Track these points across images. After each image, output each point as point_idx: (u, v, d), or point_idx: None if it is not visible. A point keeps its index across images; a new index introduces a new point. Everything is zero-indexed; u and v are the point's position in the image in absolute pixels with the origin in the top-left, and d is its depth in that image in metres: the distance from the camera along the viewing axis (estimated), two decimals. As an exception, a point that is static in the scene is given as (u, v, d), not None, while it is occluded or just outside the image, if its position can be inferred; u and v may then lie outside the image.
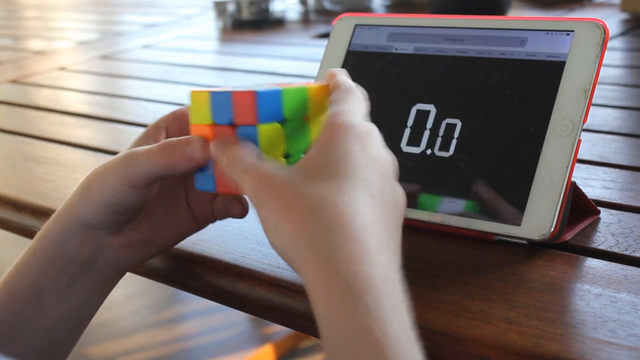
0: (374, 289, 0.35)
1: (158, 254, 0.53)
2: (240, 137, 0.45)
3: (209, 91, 0.46)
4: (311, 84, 0.48)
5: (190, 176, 0.51)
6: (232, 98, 0.45)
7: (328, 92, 0.47)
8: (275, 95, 0.45)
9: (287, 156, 0.47)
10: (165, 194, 0.52)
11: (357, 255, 0.36)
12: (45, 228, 0.51)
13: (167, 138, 0.52)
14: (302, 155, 0.46)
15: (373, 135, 0.43)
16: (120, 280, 0.53)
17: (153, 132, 0.53)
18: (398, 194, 0.42)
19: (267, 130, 0.45)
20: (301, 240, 0.38)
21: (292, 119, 0.46)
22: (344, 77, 0.48)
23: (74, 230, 0.49)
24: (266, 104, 0.45)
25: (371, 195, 0.39)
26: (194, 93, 0.47)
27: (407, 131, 0.58)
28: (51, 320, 0.50)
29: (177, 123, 0.54)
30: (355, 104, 0.45)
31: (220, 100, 0.46)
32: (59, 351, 0.52)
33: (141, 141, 0.53)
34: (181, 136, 0.48)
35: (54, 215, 0.51)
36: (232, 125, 0.46)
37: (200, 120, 0.47)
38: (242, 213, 0.52)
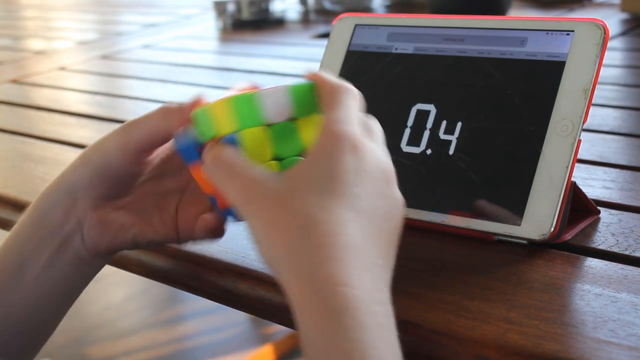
0: (353, 310, 0.35)
1: (134, 246, 0.52)
2: (223, 141, 0.44)
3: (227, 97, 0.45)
4: (296, 83, 0.46)
5: (190, 190, 0.51)
6: (208, 112, 0.45)
7: (315, 90, 0.46)
8: (252, 99, 0.44)
9: (278, 159, 0.45)
10: (158, 193, 0.52)
11: (338, 277, 0.36)
12: (35, 200, 0.51)
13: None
14: (297, 158, 0.45)
15: (368, 143, 0.41)
16: (120, 280, 0.53)
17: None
18: (394, 204, 0.41)
19: (250, 134, 0.44)
20: (287, 256, 0.38)
21: (275, 121, 0.45)
22: (330, 76, 0.46)
23: (60, 198, 0.50)
24: (242, 109, 0.44)
25: (360, 212, 0.39)
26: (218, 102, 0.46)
27: (407, 131, 0.58)
28: (32, 295, 0.50)
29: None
30: (349, 107, 0.43)
31: (201, 116, 0.46)
32: (37, 331, 0.52)
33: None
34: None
35: (46, 188, 0.51)
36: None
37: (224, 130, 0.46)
38: (217, 237, 0.51)
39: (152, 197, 0.52)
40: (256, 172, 0.41)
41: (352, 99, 0.44)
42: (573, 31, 0.54)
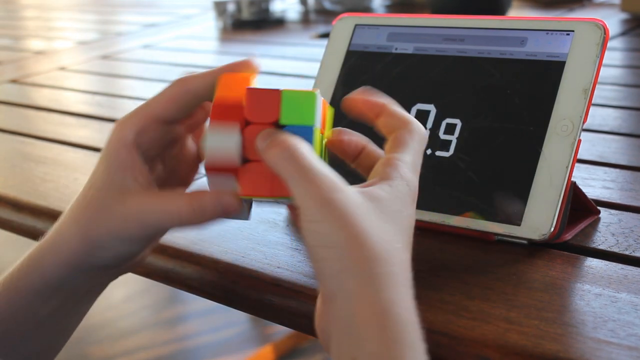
0: (419, 339, 0.37)
1: (132, 269, 0.52)
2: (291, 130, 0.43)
3: (280, 89, 0.45)
4: (294, 89, 0.45)
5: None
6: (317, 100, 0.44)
7: (313, 100, 0.45)
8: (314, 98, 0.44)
9: None
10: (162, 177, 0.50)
11: (411, 307, 0.38)
12: (45, 267, 0.48)
13: (143, 156, 0.48)
14: None
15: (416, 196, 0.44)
16: (120, 280, 0.53)
17: (127, 159, 0.48)
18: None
19: (317, 133, 0.43)
20: (364, 275, 0.38)
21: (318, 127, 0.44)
22: (402, 110, 0.46)
23: (80, 272, 0.47)
24: (316, 105, 0.44)
25: (410, 257, 0.41)
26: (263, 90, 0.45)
27: (407, 131, 0.58)
28: (47, 325, 0.50)
29: (148, 136, 0.49)
30: (420, 154, 0.45)
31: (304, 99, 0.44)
32: (48, 349, 0.52)
33: (117, 172, 0.48)
34: (155, 150, 0.49)
35: (39, 253, 0.48)
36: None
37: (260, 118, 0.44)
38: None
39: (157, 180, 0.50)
40: (333, 174, 0.40)
41: (423, 145, 0.46)
42: (573, 31, 0.54)
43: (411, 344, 0.37)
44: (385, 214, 0.40)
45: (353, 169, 0.48)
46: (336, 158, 0.47)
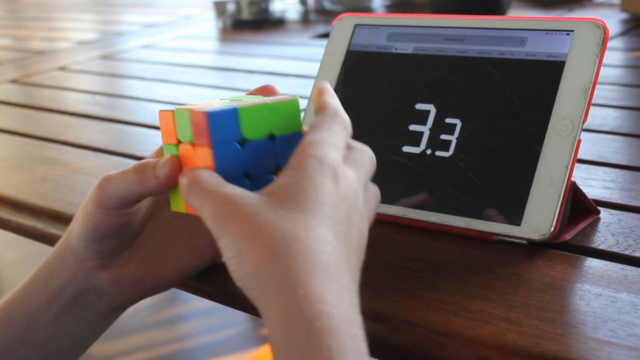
0: (336, 331, 0.34)
1: (155, 292, 0.51)
2: (216, 157, 0.43)
3: (173, 110, 0.45)
4: (275, 99, 0.46)
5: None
6: (190, 116, 0.44)
7: (296, 107, 0.46)
8: (231, 114, 0.44)
9: (249, 177, 0.45)
10: (161, 228, 0.50)
11: (321, 295, 0.35)
12: (48, 255, 0.50)
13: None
14: (270, 176, 0.45)
15: (348, 172, 0.41)
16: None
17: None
18: (363, 238, 0.41)
19: (222, 153, 0.43)
20: (264, 272, 0.37)
21: (252, 138, 0.44)
22: (330, 98, 0.45)
23: (68, 260, 0.49)
24: (220, 124, 0.43)
25: (336, 234, 0.39)
26: (160, 112, 0.46)
27: (407, 131, 0.58)
28: (42, 349, 0.49)
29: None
30: (334, 133, 0.43)
31: (181, 118, 0.44)
32: None
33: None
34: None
35: (59, 240, 0.50)
36: (192, 144, 0.44)
37: (169, 140, 0.46)
38: None
39: (156, 235, 0.50)
40: (231, 189, 0.40)
41: (339, 125, 0.43)
42: (573, 31, 0.54)
43: (324, 342, 0.34)
44: (286, 200, 0.39)
45: None
46: None
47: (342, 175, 0.41)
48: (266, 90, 0.49)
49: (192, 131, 0.44)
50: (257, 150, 0.45)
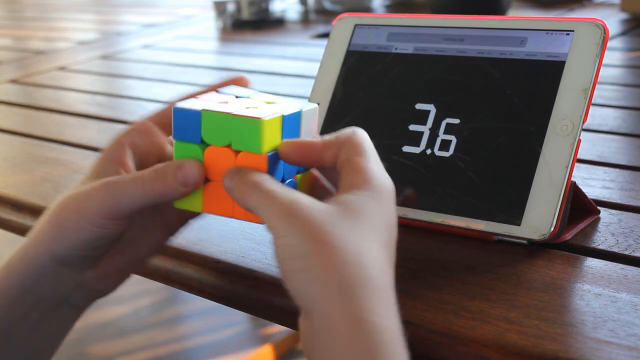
0: (395, 346, 0.36)
1: (135, 272, 0.51)
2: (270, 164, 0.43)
3: (199, 110, 0.44)
4: (284, 110, 0.45)
5: None
6: (233, 122, 0.43)
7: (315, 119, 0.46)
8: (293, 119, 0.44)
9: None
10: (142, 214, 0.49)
11: (385, 311, 0.37)
12: (10, 263, 0.47)
13: (133, 158, 0.48)
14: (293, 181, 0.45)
15: (393, 193, 0.43)
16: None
17: (117, 153, 0.47)
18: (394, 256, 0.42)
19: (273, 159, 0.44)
20: (333, 281, 0.37)
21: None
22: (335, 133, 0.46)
23: (47, 268, 0.46)
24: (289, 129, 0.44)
25: (390, 255, 0.40)
26: (175, 110, 0.44)
27: (407, 131, 0.58)
28: (21, 350, 0.48)
29: (140, 139, 0.49)
30: (374, 152, 0.44)
31: (218, 121, 0.43)
32: None
33: (105, 165, 0.47)
34: (147, 154, 0.48)
35: (17, 251, 0.47)
36: (230, 147, 0.44)
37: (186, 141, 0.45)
38: None
39: (138, 222, 0.49)
40: (297, 193, 0.41)
41: (371, 142, 0.45)
42: (573, 31, 0.54)
43: (388, 354, 0.36)
44: (355, 216, 0.40)
45: None
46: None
47: (394, 201, 0.43)
48: (239, 82, 0.50)
49: (236, 137, 0.43)
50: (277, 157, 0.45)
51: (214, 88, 0.50)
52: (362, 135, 0.44)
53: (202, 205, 0.45)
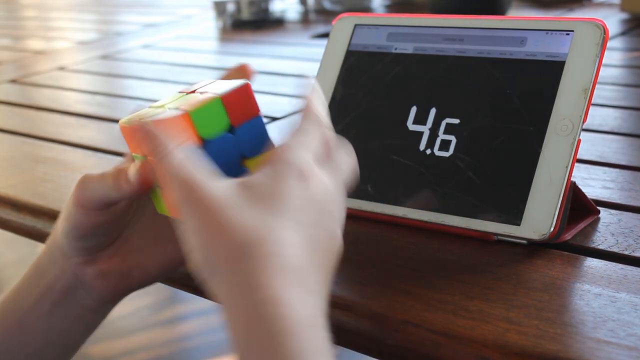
0: (296, 334, 0.35)
1: (142, 285, 0.51)
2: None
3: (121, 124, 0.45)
4: (226, 89, 0.45)
5: None
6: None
7: (247, 94, 0.46)
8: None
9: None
10: (146, 222, 0.50)
11: (281, 298, 0.36)
12: (40, 252, 0.50)
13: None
14: (241, 168, 0.45)
15: (318, 173, 0.41)
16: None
17: (124, 162, 0.50)
18: (333, 241, 0.41)
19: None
20: (227, 271, 0.37)
21: (209, 138, 0.44)
22: (315, 102, 0.45)
23: (56, 257, 0.49)
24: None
25: (303, 238, 0.39)
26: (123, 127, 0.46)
27: (407, 131, 0.58)
28: (33, 346, 0.49)
29: None
30: (308, 134, 0.43)
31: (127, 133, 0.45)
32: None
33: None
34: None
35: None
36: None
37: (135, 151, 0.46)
38: None
39: (141, 229, 0.50)
40: (207, 173, 0.40)
41: (316, 125, 0.43)
42: (573, 31, 0.54)
43: (286, 344, 0.35)
44: (257, 199, 0.39)
45: None
46: None
47: (313, 178, 0.40)
48: (242, 71, 0.51)
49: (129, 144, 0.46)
50: (220, 146, 0.44)
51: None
52: (308, 121, 0.43)
53: (169, 210, 0.45)
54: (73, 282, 0.49)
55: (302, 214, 0.39)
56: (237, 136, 0.45)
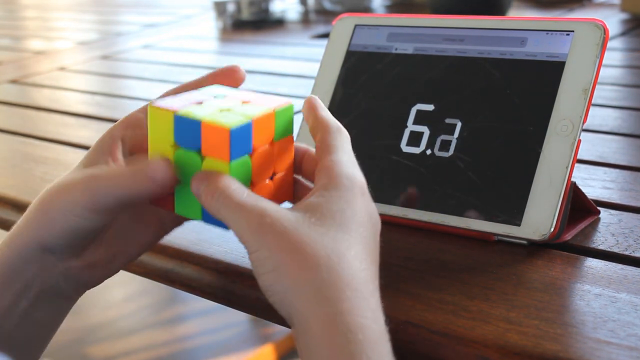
0: (375, 343, 0.37)
1: (121, 268, 0.51)
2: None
3: (173, 113, 0.43)
4: (256, 113, 0.44)
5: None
6: (201, 129, 0.43)
7: (272, 120, 0.45)
8: (247, 130, 0.43)
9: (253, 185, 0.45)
10: (127, 209, 0.49)
11: (363, 310, 0.38)
12: (1, 252, 0.47)
13: (123, 149, 0.48)
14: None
15: (368, 193, 0.43)
16: (120, 280, 0.53)
17: (108, 144, 0.48)
18: (378, 253, 0.43)
19: (237, 165, 0.43)
20: (306, 286, 0.38)
21: (259, 147, 0.44)
22: (326, 114, 0.46)
23: (32, 255, 0.46)
24: (239, 140, 0.43)
25: (368, 253, 0.41)
26: (152, 109, 0.44)
27: (407, 131, 0.58)
28: (12, 341, 0.48)
29: (132, 131, 0.49)
30: (350, 152, 0.44)
31: (186, 125, 0.43)
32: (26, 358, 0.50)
33: (96, 156, 0.48)
34: (137, 146, 0.48)
35: (6, 237, 0.47)
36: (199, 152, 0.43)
37: (160, 140, 0.44)
38: None
39: (124, 216, 0.49)
40: (265, 203, 0.41)
41: (348, 142, 0.45)
42: (573, 31, 0.54)
43: (365, 351, 0.36)
44: (324, 219, 0.40)
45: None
46: None
47: (367, 192, 0.43)
48: (229, 74, 0.50)
49: (205, 142, 0.43)
50: (261, 158, 0.45)
51: (201, 82, 0.51)
52: (337, 129, 0.45)
53: (176, 207, 0.45)
54: (54, 276, 0.48)
55: (364, 229, 0.41)
56: (274, 151, 0.46)
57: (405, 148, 0.58)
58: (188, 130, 0.43)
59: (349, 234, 0.40)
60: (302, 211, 0.41)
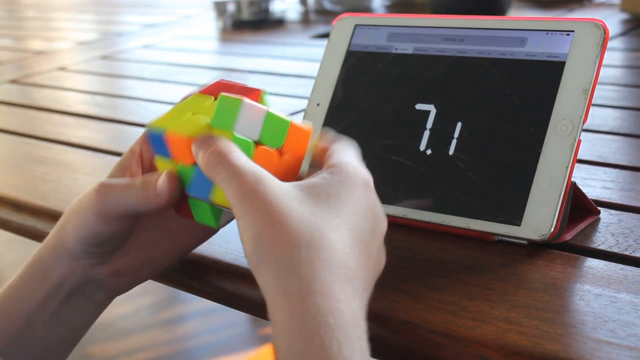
0: (346, 328, 0.35)
1: (152, 276, 0.51)
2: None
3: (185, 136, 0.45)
4: (297, 121, 0.46)
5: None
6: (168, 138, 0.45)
7: (308, 137, 0.46)
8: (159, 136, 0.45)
9: None
10: (155, 217, 0.50)
11: (336, 293, 0.36)
12: (37, 250, 0.50)
13: (144, 163, 0.50)
14: None
15: (373, 189, 0.43)
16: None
17: (128, 158, 0.50)
18: (382, 256, 0.42)
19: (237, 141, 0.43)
20: (283, 261, 0.37)
21: (265, 143, 0.45)
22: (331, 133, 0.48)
23: (63, 257, 0.48)
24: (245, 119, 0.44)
25: (359, 242, 0.40)
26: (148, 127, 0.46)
27: (407, 131, 0.58)
28: (40, 343, 0.50)
29: (148, 146, 0.50)
30: (356, 153, 0.45)
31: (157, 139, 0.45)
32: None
33: (117, 169, 0.50)
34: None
35: (46, 238, 0.50)
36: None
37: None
38: None
39: (150, 224, 0.50)
40: (264, 172, 0.40)
41: (355, 148, 0.45)
42: (573, 31, 0.54)
43: (331, 336, 0.35)
44: (318, 198, 0.40)
45: None
46: None
47: (372, 187, 0.43)
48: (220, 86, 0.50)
49: (174, 151, 0.45)
50: (262, 156, 0.45)
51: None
52: (342, 138, 0.46)
53: (216, 222, 0.46)
54: (82, 281, 0.49)
55: (360, 219, 0.40)
56: None
57: (405, 148, 0.57)
58: (159, 143, 0.45)
59: (339, 217, 0.39)
60: (299, 188, 0.40)
